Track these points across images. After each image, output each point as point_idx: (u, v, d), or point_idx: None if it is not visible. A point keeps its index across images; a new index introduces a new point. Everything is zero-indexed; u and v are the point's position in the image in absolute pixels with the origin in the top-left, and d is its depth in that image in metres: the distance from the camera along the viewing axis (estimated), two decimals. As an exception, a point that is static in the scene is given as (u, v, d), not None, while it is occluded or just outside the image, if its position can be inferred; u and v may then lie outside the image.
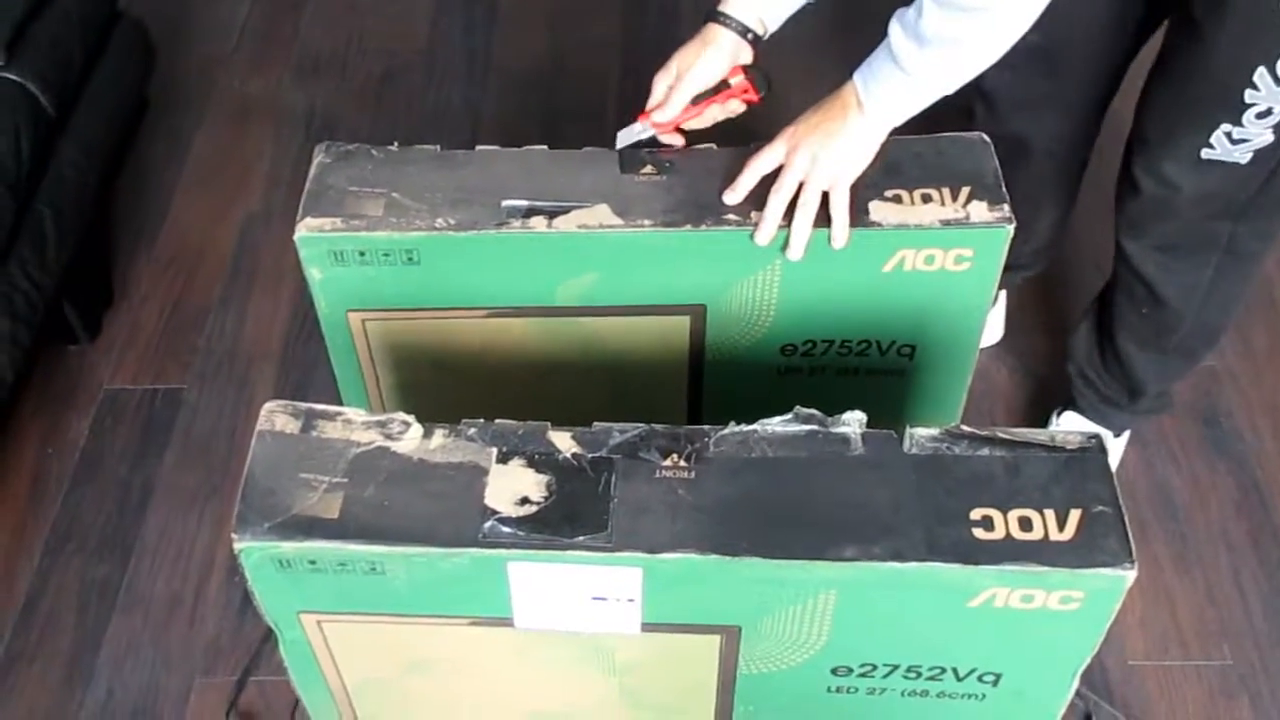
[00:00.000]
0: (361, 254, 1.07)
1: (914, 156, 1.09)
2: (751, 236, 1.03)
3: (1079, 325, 1.37)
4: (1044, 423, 1.45)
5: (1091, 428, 1.37)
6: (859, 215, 1.04)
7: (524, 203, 1.07)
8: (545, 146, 1.12)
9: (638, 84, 1.13)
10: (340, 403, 1.22)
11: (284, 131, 1.95)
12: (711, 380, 1.20)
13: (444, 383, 1.21)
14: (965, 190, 1.07)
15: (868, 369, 1.18)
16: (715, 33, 1.10)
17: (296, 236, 1.06)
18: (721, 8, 1.11)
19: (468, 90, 2.01)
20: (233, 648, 1.34)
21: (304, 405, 0.92)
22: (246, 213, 1.82)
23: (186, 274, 1.73)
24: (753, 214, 1.06)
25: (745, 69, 1.11)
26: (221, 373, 1.60)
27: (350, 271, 1.08)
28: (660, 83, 1.12)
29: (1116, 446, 1.40)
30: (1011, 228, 1.05)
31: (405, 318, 1.13)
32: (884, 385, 1.20)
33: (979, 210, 1.05)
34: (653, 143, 1.13)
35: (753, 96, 1.12)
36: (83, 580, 1.40)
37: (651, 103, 1.12)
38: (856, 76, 1.02)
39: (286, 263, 1.73)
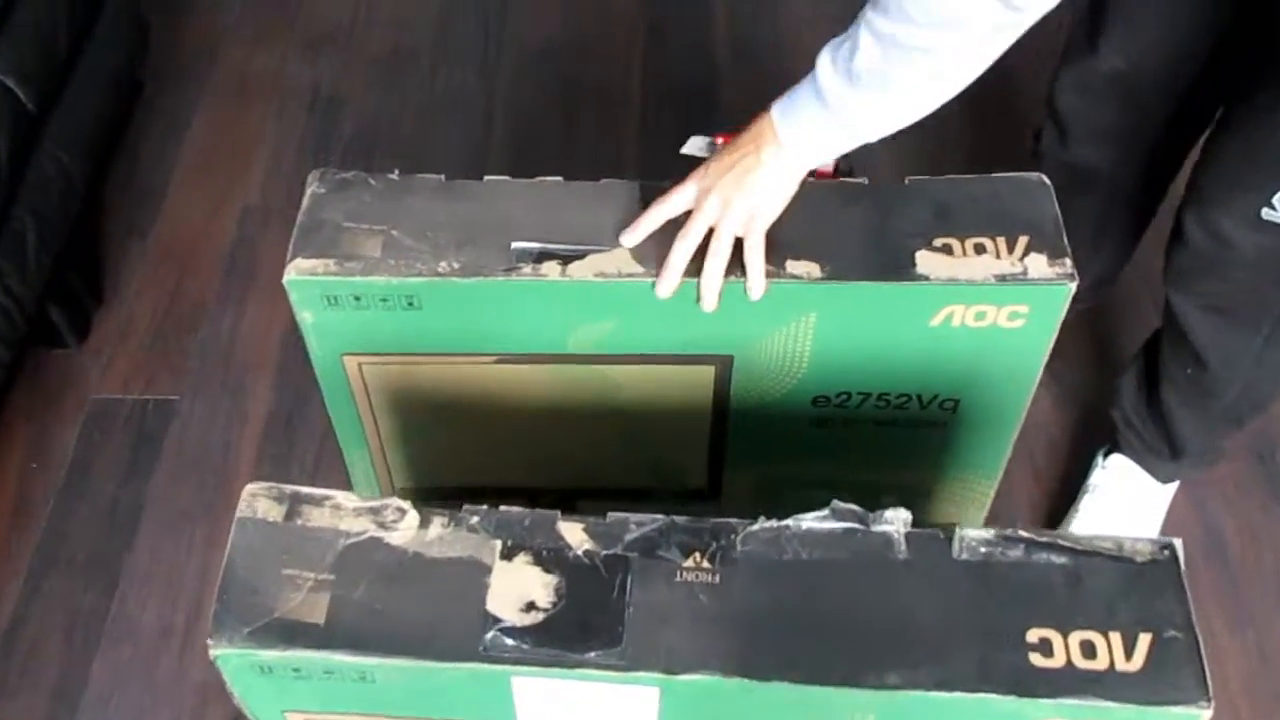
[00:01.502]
0: (357, 298, 0.97)
1: (966, 199, 0.99)
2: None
3: (1128, 369, 1.27)
4: (1088, 459, 1.36)
5: (1139, 472, 1.29)
6: (905, 267, 0.95)
7: (535, 245, 0.97)
8: (560, 178, 1.02)
9: (662, 61, 1.04)
10: (336, 439, 1.14)
11: (287, 112, 1.85)
12: (736, 430, 1.11)
13: (448, 428, 1.12)
14: (1023, 240, 0.97)
15: (906, 421, 1.09)
16: None
17: (286, 280, 0.97)
18: None
19: (481, 68, 1.90)
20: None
21: (289, 489, 0.83)
22: (245, 205, 1.72)
23: (180, 270, 1.64)
24: (786, 262, 0.96)
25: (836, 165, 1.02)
26: (216, 380, 1.52)
27: (345, 315, 0.99)
28: None
29: (1165, 494, 1.31)
30: (1074, 285, 0.95)
31: (405, 362, 1.04)
32: (923, 437, 1.11)
33: (1038, 264, 0.95)
34: None
35: (827, 170, 1.02)
36: (69, 607, 1.33)
37: None
38: (775, 108, 0.92)
39: (284, 262, 1.64)
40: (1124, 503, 1.29)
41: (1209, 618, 1.29)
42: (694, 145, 1.09)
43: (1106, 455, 1.31)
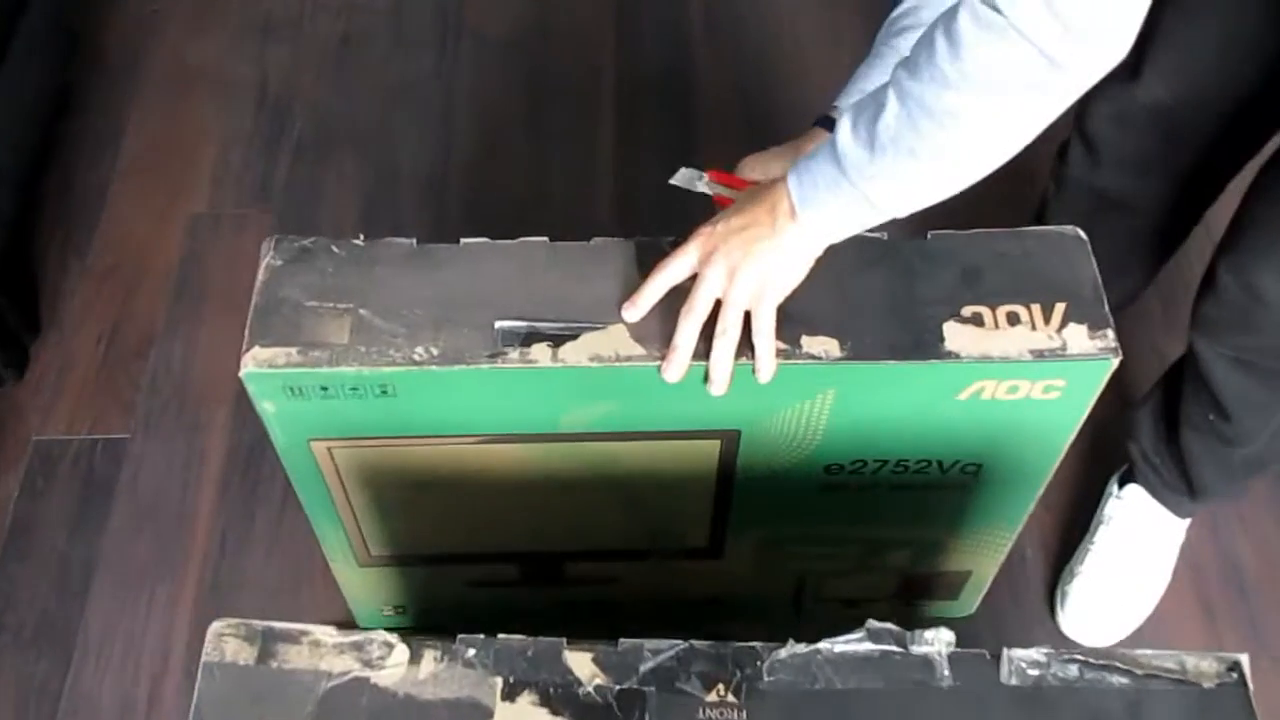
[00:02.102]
0: (324, 388, 0.87)
1: (996, 259, 0.90)
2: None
3: (1145, 402, 1.20)
4: (1100, 483, 1.29)
5: (1157, 506, 1.22)
6: (932, 343, 0.86)
7: (522, 323, 0.87)
8: (545, 239, 0.92)
9: (634, 44, 0.93)
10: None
11: (232, 107, 1.71)
12: (741, 496, 1.02)
13: (428, 501, 1.03)
14: (1060, 308, 0.88)
15: (924, 484, 1.01)
16: (821, 140, 0.89)
17: (243, 373, 0.86)
18: (833, 114, 0.92)
19: (439, 57, 1.77)
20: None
21: (260, 625, 0.74)
22: (191, 214, 1.60)
23: (125, 291, 1.52)
24: (802, 338, 0.87)
25: None
26: (169, 416, 1.41)
27: (311, 404, 0.89)
28: (750, 169, 0.95)
29: (1182, 526, 1.24)
30: (1116, 360, 0.86)
31: (380, 445, 0.94)
32: (941, 499, 1.03)
33: (1077, 337, 0.86)
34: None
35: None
36: (19, 680, 1.23)
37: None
38: (791, 176, 0.81)
39: (238, 277, 1.52)
40: (1140, 537, 1.22)
41: (1225, 647, 1.24)
42: (682, 177, 0.99)
43: (1121, 485, 1.25)
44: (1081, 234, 0.91)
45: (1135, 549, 1.22)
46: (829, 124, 0.92)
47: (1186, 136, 1.02)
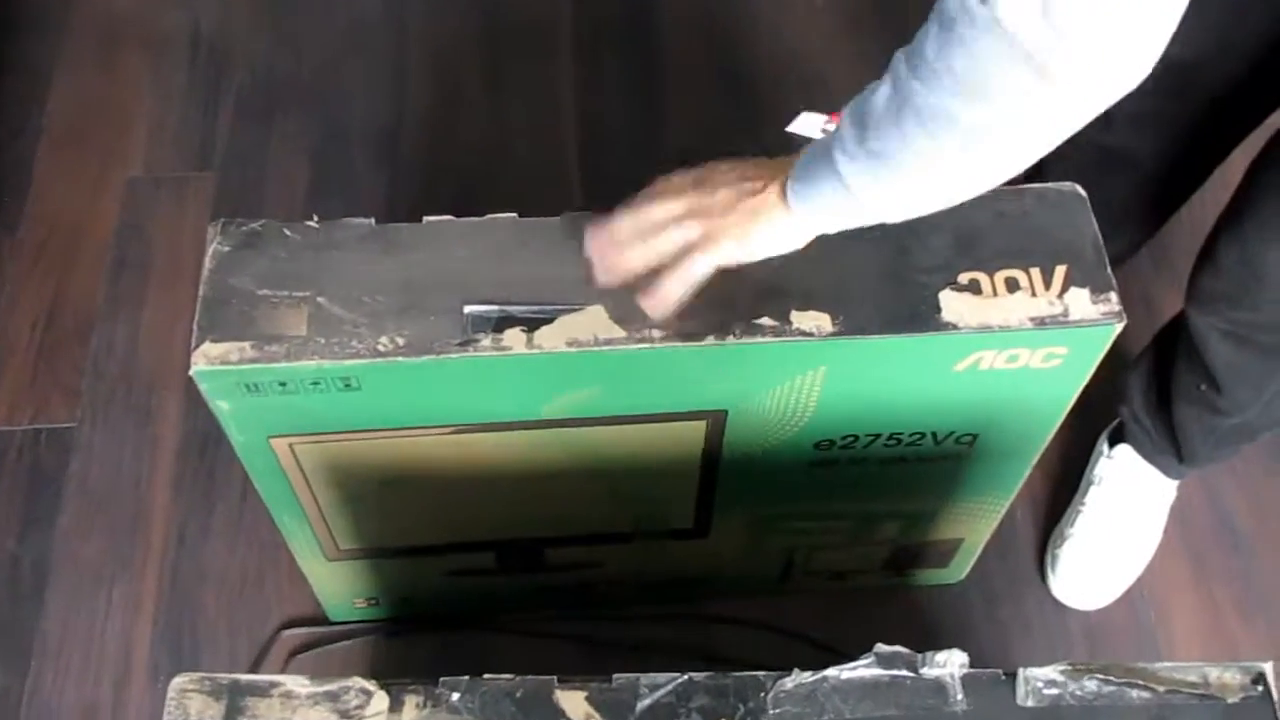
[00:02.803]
0: (282, 384, 0.81)
1: (993, 220, 0.85)
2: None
3: (1137, 365, 1.16)
4: (1090, 439, 1.26)
5: (1147, 467, 1.19)
6: (928, 314, 0.81)
7: (493, 308, 0.82)
8: (514, 215, 0.86)
9: None
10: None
11: (164, 64, 1.61)
12: (727, 476, 0.98)
13: (399, 494, 0.97)
14: (1060, 271, 0.83)
15: (917, 457, 0.97)
16: None
17: (193, 371, 0.80)
18: None
19: (389, 1, 1.68)
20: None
21: (226, 679, 0.68)
22: (128, 178, 1.51)
23: (61, 267, 1.44)
24: (792, 313, 0.82)
25: None
26: (117, 402, 1.34)
27: (269, 400, 0.82)
28: None
29: (1173, 486, 1.22)
30: (1121, 325, 0.82)
31: (345, 439, 0.88)
32: (934, 470, 0.99)
33: (1080, 301, 0.82)
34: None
35: None
36: (-25, 689, 1.18)
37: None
38: (796, 167, 0.73)
39: (183, 245, 1.45)
40: (1131, 498, 1.20)
41: (1220, 606, 1.23)
42: (803, 124, 0.89)
43: (1112, 444, 1.21)
44: (1081, 191, 0.87)
45: (1126, 510, 1.20)
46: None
47: (1197, 94, 0.97)
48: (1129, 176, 1.07)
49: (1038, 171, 1.20)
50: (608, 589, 1.17)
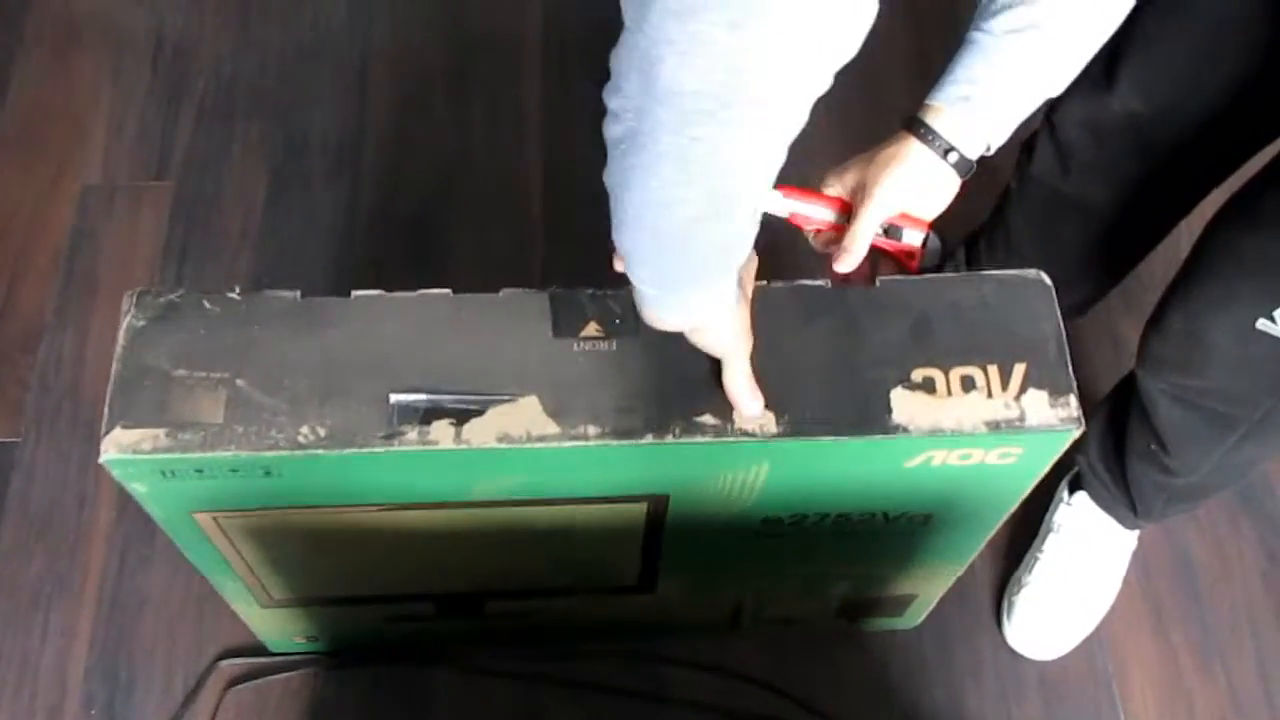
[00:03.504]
0: (199, 471, 0.77)
1: (948, 309, 0.81)
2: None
3: (1095, 414, 1.12)
4: (1054, 484, 1.23)
5: (1105, 516, 1.17)
6: (878, 414, 0.77)
7: (421, 397, 0.78)
8: (448, 291, 0.81)
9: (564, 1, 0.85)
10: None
11: (124, 66, 1.55)
12: (672, 546, 0.95)
13: (332, 559, 0.94)
14: (1019, 370, 0.79)
15: (870, 532, 0.94)
16: (908, 148, 0.79)
17: (103, 459, 0.76)
18: (923, 114, 0.79)
19: (353, 7, 1.60)
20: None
21: None
22: (83, 185, 1.46)
23: (9, 275, 1.39)
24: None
25: (931, 226, 0.82)
26: (63, 418, 1.30)
27: (186, 484, 0.79)
28: (830, 184, 0.84)
29: (1130, 538, 1.19)
30: (1079, 430, 0.79)
31: (270, 515, 0.85)
32: (886, 543, 0.97)
33: (1037, 405, 0.78)
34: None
35: (910, 263, 0.82)
36: (-93, 716, 1.16)
37: (817, 214, 0.85)
38: None
39: (136, 257, 1.40)
40: (1090, 547, 1.17)
41: (1176, 650, 1.21)
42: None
43: (1071, 491, 1.19)
44: (1046, 279, 0.82)
45: (1084, 560, 1.17)
46: (917, 126, 0.79)
47: (1160, 150, 0.93)
48: (1086, 225, 1.04)
49: (998, 213, 1.17)
50: (551, 630, 1.15)
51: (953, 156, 0.80)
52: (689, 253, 0.62)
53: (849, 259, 0.83)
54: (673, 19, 0.48)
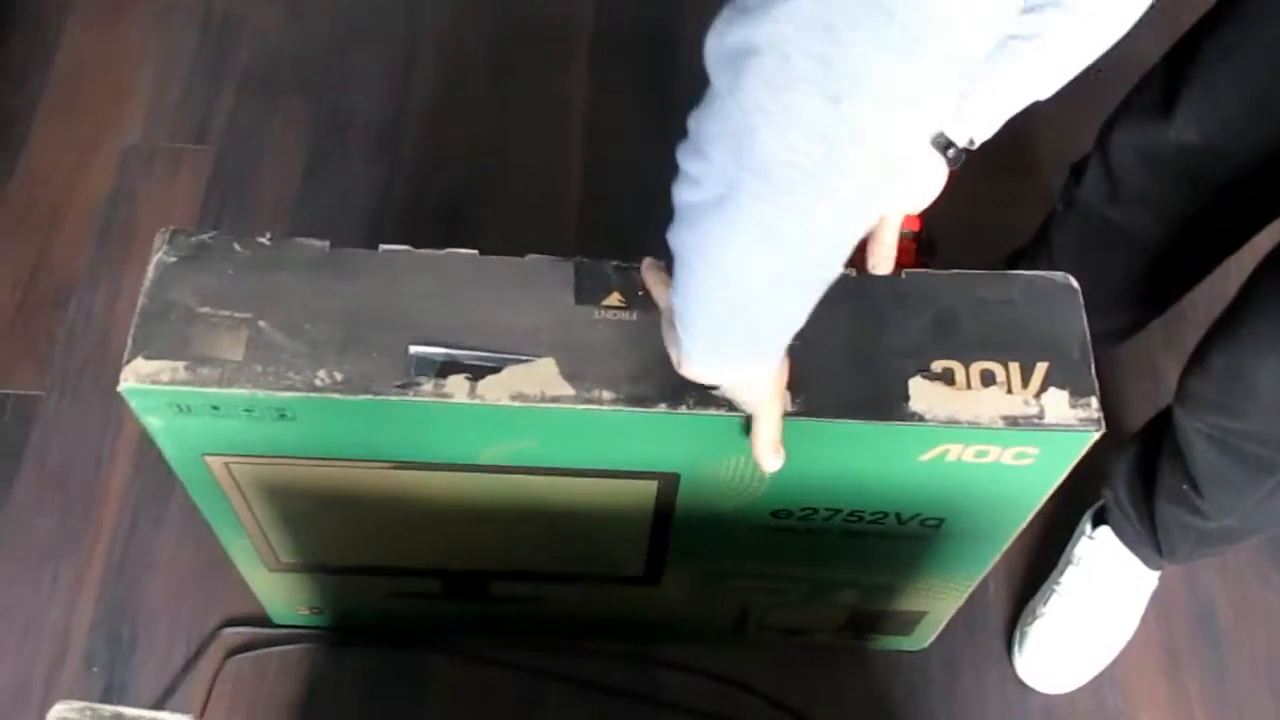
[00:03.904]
0: (215, 408, 0.78)
1: (974, 305, 0.80)
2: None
3: (1124, 450, 1.10)
4: (1073, 512, 1.21)
5: (1128, 554, 1.14)
6: (895, 401, 0.76)
7: (439, 350, 0.78)
8: (475, 252, 0.82)
9: None
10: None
11: (174, 31, 1.58)
12: (681, 534, 0.94)
13: (341, 520, 0.94)
14: (1041, 369, 0.79)
15: (880, 534, 0.93)
16: None
17: (122, 387, 0.77)
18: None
19: (406, -16, 1.63)
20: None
21: (109, 711, 0.66)
22: (123, 146, 1.48)
23: (46, 229, 1.41)
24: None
25: (922, 220, 0.81)
26: (87, 375, 1.31)
27: (201, 421, 0.79)
28: None
29: (1151, 579, 1.17)
30: (1098, 433, 0.78)
31: (282, 463, 0.85)
32: (896, 547, 0.95)
33: (1057, 404, 0.77)
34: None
35: (905, 259, 0.82)
36: (-91, 660, 1.16)
37: None
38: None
39: (172, 219, 1.42)
40: (1109, 584, 1.15)
41: (1191, 701, 1.18)
42: None
43: (1095, 524, 1.17)
44: (1074, 282, 0.82)
45: (1102, 596, 1.15)
46: (940, 143, 0.78)
47: (1212, 185, 0.92)
48: (1131, 254, 1.03)
49: (1042, 235, 1.16)
50: (554, 623, 1.14)
51: (951, 152, 0.79)
52: (755, 323, 0.63)
53: (888, 261, 0.82)
54: (769, 90, 0.48)
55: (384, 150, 1.49)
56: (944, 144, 0.78)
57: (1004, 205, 1.33)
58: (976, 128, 0.79)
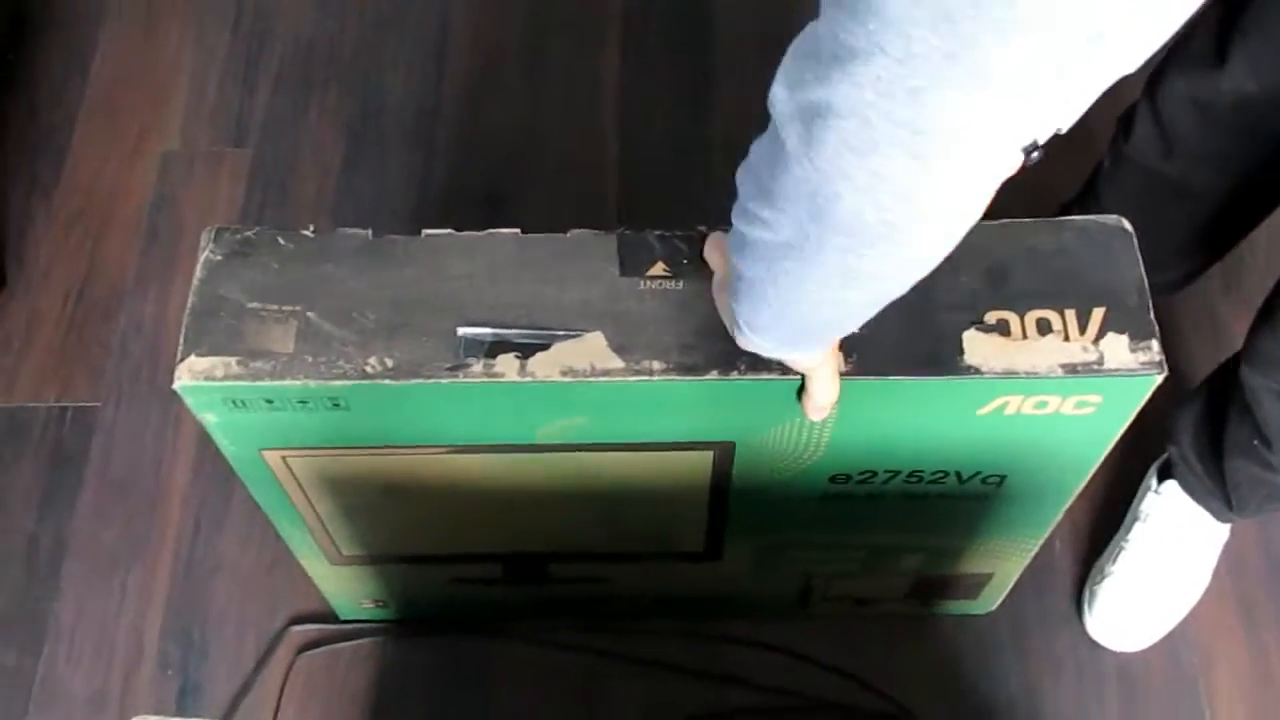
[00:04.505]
0: (269, 401, 0.78)
1: (1026, 255, 0.79)
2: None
3: (1188, 404, 1.08)
4: (1138, 466, 1.19)
5: (1196, 507, 1.12)
6: (950, 356, 0.75)
7: (487, 330, 0.78)
8: (516, 230, 0.82)
9: None
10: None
11: (207, 34, 1.59)
12: (739, 505, 0.93)
13: (399, 506, 0.95)
14: (1098, 314, 0.77)
15: (940, 494, 0.92)
16: None
17: (177, 385, 0.78)
18: None
19: (435, -19, 1.64)
20: (168, 759, 1.15)
21: None
22: (163, 152, 1.49)
23: (94, 239, 1.43)
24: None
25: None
26: (141, 382, 1.33)
27: (257, 415, 0.80)
28: None
29: (1222, 531, 1.14)
30: (1161, 376, 0.76)
31: (339, 455, 0.86)
32: (958, 508, 0.94)
33: (1116, 349, 0.76)
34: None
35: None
36: (-10, 668, 1.19)
37: None
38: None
39: (216, 223, 1.41)
40: (1178, 539, 1.12)
41: (1268, 651, 1.16)
42: None
43: (1161, 478, 1.14)
44: (1127, 226, 0.80)
45: (1172, 551, 1.13)
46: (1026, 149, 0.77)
47: (1272, 133, 0.89)
48: (1188, 209, 1.00)
49: (1089, 190, 1.14)
50: (616, 604, 1.13)
51: (1036, 154, 0.76)
52: (823, 331, 0.65)
53: None
54: (852, 155, 0.46)
55: (420, 138, 1.49)
56: (1030, 149, 0.75)
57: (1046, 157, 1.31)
58: (1064, 117, 0.75)
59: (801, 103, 0.47)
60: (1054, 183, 1.25)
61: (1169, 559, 1.12)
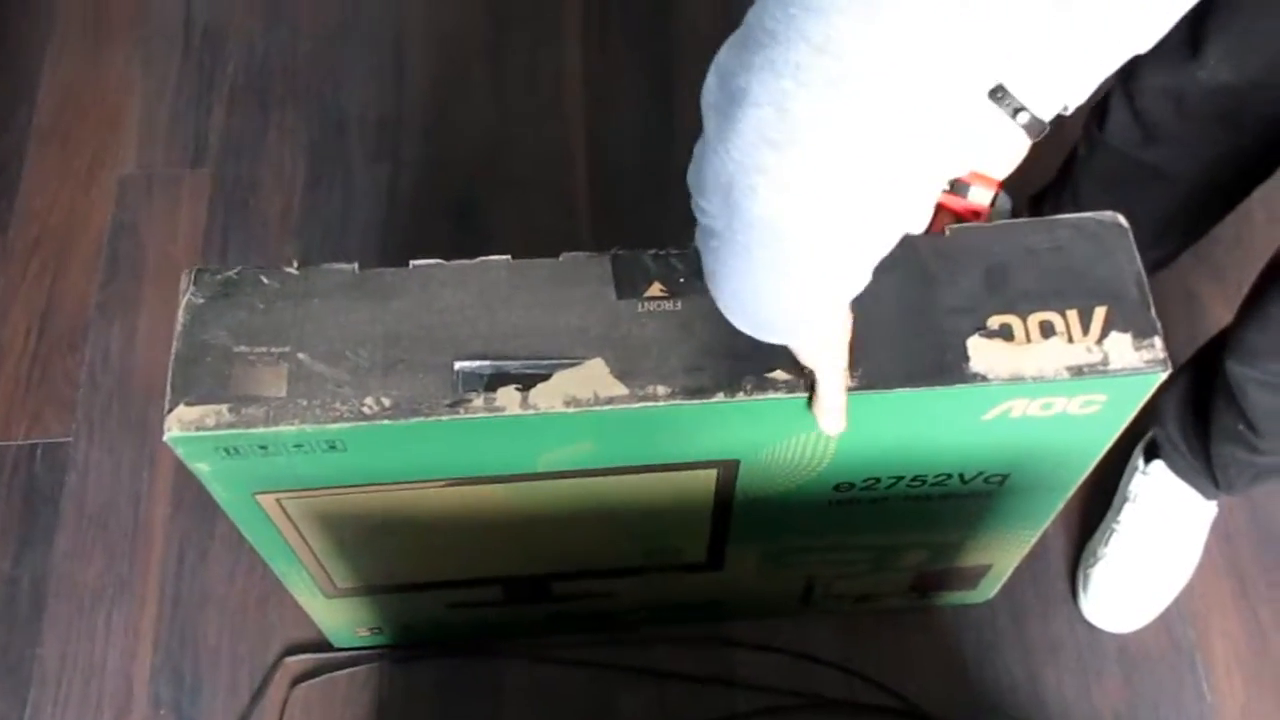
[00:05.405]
0: (263, 447, 0.76)
1: (1024, 256, 0.78)
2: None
3: (1173, 384, 1.08)
4: (1129, 450, 1.20)
5: (1183, 485, 1.13)
6: (955, 364, 0.74)
7: (486, 364, 0.76)
8: (507, 257, 0.80)
9: None
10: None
11: (156, 52, 1.54)
12: (742, 516, 0.93)
13: (399, 542, 0.93)
14: (1100, 313, 0.76)
15: (942, 495, 0.91)
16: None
17: (168, 436, 0.75)
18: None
19: (389, -13, 1.60)
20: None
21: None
22: (119, 176, 1.45)
23: (54, 269, 1.39)
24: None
25: (1002, 185, 0.78)
26: (113, 415, 1.30)
27: (250, 461, 0.78)
28: None
29: (1210, 508, 1.15)
30: (1166, 373, 0.76)
31: (334, 494, 0.84)
32: (960, 506, 0.94)
33: (1120, 348, 0.75)
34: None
35: (977, 222, 0.79)
36: (-26, 719, 1.16)
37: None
38: None
39: (178, 247, 1.40)
40: (1168, 517, 1.13)
41: (1262, 625, 1.17)
42: None
43: (1148, 459, 1.15)
44: (1123, 222, 0.79)
45: (1162, 530, 1.14)
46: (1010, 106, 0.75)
47: (1250, 121, 0.89)
48: (1166, 192, 1.00)
49: (1064, 176, 1.13)
50: (619, 615, 1.12)
51: (1023, 117, 0.74)
52: (784, 321, 0.63)
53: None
54: (769, 149, 0.45)
55: (384, 148, 1.46)
56: (1014, 108, 0.72)
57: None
58: (1070, 92, 0.73)
59: (726, 90, 0.46)
60: (1018, 178, 1.26)
61: (1160, 538, 1.13)
